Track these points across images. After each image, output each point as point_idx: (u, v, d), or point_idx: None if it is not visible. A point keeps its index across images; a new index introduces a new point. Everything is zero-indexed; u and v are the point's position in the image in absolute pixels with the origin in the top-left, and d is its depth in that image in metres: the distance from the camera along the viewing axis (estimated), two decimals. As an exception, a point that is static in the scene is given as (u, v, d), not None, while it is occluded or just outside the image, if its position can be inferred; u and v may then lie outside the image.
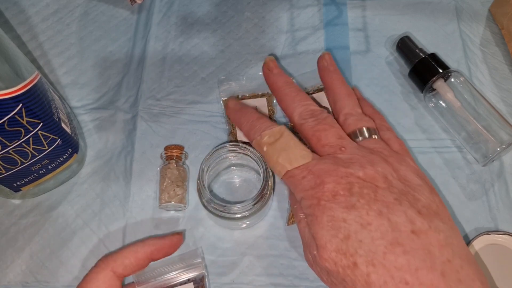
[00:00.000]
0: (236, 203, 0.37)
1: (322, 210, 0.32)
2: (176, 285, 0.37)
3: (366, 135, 0.36)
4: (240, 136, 0.43)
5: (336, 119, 0.38)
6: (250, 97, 0.45)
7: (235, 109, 0.41)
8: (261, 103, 0.44)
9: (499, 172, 0.42)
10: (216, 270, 0.39)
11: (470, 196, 0.41)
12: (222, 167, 0.42)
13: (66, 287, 0.39)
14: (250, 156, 0.38)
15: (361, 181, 0.32)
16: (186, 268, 0.37)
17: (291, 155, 0.35)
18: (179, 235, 0.38)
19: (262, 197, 0.37)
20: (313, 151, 0.36)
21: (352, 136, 0.36)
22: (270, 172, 0.38)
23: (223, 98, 0.45)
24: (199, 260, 0.38)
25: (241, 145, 0.38)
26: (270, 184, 0.38)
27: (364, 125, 0.37)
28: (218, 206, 0.36)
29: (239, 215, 0.37)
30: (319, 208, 0.32)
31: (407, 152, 0.37)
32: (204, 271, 0.38)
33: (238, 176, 0.43)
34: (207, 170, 0.38)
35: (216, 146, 0.38)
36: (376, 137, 0.37)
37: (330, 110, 0.41)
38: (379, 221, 0.30)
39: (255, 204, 0.37)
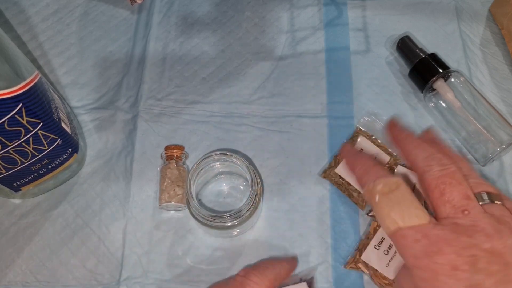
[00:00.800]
0: (225, 211, 0.36)
1: None
2: (289, 283, 0.37)
3: (487, 200, 0.31)
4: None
5: None
6: (378, 145, 0.42)
7: (352, 153, 0.38)
8: (382, 156, 0.42)
9: (499, 172, 0.42)
10: (218, 271, 0.39)
11: (470, 196, 0.41)
12: (210, 176, 0.42)
13: (66, 287, 0.39)
14: (237, 164, 0.38)
15: (488, 255, 0.28)
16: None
17: (406, 211, 0.30)
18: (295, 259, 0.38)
19: (251, 205, 0.37)
20: (431, 206, 0.32)
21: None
22: (258, 179, 0.38)
23: (358, 126, 0.44)
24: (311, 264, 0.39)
25: (228, 153, 0.38)
26: (258, 191, 0.38)
27: (485, 189, 0.31)
28: (206, 215, 0.36)
29: (228, 224, 0.37)
30: (437, 285, 0.28)
31: None
32: (314, 274, 0.38)
33: (227, 184, 0.42)
34: (195, 179, 0.38)
35: (203, 155, 0.38)
36: (499, 203, 0.31)
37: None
38: None
39: (244, 212, 0.37)
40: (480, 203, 0.31)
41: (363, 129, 0.44)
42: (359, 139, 0.43)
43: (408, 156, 0.35)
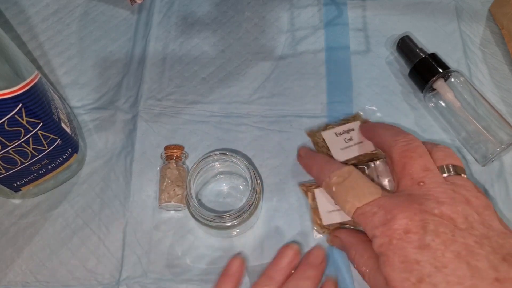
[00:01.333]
0: (225, 211, 0.36)
1: (394, 250, 0.30)
2: None
3: (453, 172, 0.33)
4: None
5: None
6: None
7: (306, 156, 0.41)
8: (366, 145, 0.42)
9: (499, 172, 0.42)
10: (218, 271, 0.39)
11: (470, 196, 0.41)
12: (210, 175, 0.42)
13: (66, 287, 0.39)
14: (237, 164, 0.38)
15: (437, 219, 0.30)
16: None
17: (360, 192, 0.33)
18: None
19: (251, 205, 0.37)
20: (395, 181, 0.34)
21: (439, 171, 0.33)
22: (258, 179, 0.38)
23: (359, 112, 0.45)
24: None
25: (227, 153, 0.38)
26: (258, 191, 0.38)
27: (452, 162, 0.34)
28: (206, 215, 0.36)
29: (228, 224, 0.37)
30: (391, 248, 0.30)
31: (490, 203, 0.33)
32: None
33: (226, 184, 0.42)
34: (194, 179, 0.38)
35: (203, 155, 0.38)
36: (464, 176, 0.33)
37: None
38: (456, 264, 0.28)
39: (244, 212, 0.36)
40: (445, 174, 0.33)
41: (362, 114, 0.44)
42: (354, 123, 0.43)
43: (376, 137, 0.38)
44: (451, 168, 0.33)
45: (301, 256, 0.38)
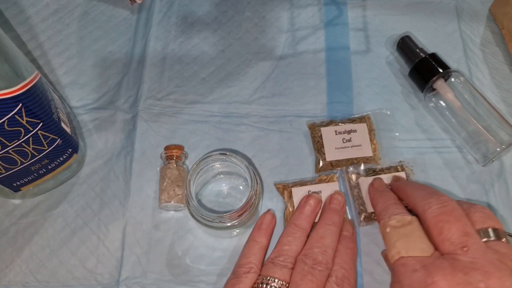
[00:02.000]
0: (225, 212, 0.36)
1: None
2: None
3: (493, 237, 0.31)
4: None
5: None
6: (371, 139, 0.43)
7: (377, 190, 0.39)
8: (365, 149, 0.43)
9: (499, 172, 0.42)
10: (217, 271, 0.39)
11: (470, 196, 0.41)
12: (210, 176, 0.42)
13: (66, 287, 0.40)
14: (237, 164, 0.38)
15: None
16: None
17: (411, 243, 0.32)
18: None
19: (250, 206, 0.37)
20: (433, 244, 0.32)
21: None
22: (258, 179, 0.38)
23: (369, 114, 0.44)
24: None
25: (227, 153, 0.38)
26: (258, 191, 0.38)
27: (492, 225, 0.32)
28: (206, 215, 0.36)
29: (228, 224, 0.37)
30: None
31: None
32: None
33: (226, 184, 0.42)
34: (194, 180, 0.38)
35: (203, 155, 0.38)
36: (505, 241, 0.31)
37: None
38: None
39: (243, 212, 0.36)
40: (485, 239, 0.31)
41: (371, 119, 0.44)
42: (361, 124, 0.43)
43: (408, 198, 0.36)
44: (491, 232, 0.32)
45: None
